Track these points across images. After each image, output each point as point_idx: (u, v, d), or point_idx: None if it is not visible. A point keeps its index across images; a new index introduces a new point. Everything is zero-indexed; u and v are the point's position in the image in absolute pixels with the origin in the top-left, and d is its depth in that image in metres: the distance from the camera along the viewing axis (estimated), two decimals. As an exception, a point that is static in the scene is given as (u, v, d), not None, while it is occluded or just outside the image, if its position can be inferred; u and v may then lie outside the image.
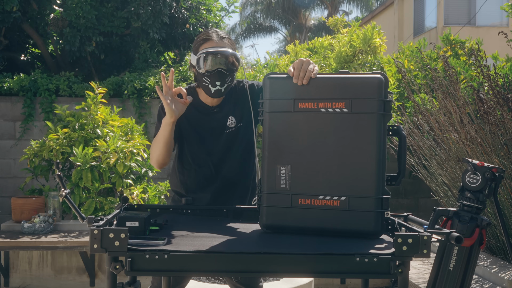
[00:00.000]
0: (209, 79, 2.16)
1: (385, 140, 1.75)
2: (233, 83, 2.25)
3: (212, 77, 2.15)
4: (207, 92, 2.20)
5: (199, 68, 2.16)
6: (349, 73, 1.80)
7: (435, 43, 5.08)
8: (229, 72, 2.16)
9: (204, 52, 2.13)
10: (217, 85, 2.16)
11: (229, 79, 2.18)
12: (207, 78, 2.16)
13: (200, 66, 2.15)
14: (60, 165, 1.99)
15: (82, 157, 4.18)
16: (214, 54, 2.13)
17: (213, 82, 2.16)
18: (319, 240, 1.69)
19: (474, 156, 3.81)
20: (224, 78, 2.16)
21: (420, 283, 3.43)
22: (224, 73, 2.15)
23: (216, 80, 2.15)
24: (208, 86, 2.17)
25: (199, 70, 2.16)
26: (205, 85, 2.18)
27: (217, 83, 2.16)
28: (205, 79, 2.16)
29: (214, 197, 2.28)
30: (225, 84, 2.17)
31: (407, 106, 5.13)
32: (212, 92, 2.18)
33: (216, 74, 2.14)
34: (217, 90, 2.17)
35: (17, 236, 4.20)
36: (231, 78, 2.19)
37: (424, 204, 6.05)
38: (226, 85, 2.18)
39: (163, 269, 1.49)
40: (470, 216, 2.22)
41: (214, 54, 2.13)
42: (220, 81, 2.16)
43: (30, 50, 7.90)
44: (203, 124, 2.27)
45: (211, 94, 2.19)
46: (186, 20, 7.18)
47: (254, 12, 26.65)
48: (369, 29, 5.19)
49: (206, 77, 2.16)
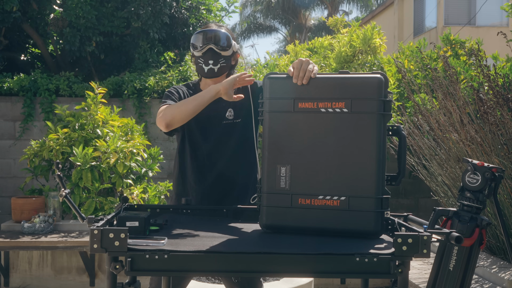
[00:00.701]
0: (202, 59, 2.25)
1: (385, 140, 1.75)
2: (229, 68, 2.32)
3: (205, 57, 2.24)
4: (202, 73, 2.29)
5: (195, 49, 2.26)
6: (349, 73, 1.80)
7: (435, 43, 5.07)
8: (222, 51, 2.24)
9: (196, 32, 2.27)
10: (209, 63, 2.25)
11: (222, 60, 2.26)
12: (201, 58, 2.26)
13: (195, 47, 2.25)
14: (60, 165, 1.99)
15: (82, 157, 4.18)
16: (204, 32, 2.25)
17: (206, 61, 2.25)
18: (319, 240, 1.69)
19: (474, 156, 3.81)
20: (216, 58, 2.24)
21: (420, 283, 3.43)
22: (216, 51, 2.24)
23: (209, 59, 2.24)
24: (202, 66, 2.26)
25: (195, 52, 2.26)
26: (199, 65, 2.27)
27: (210, 62, 2.24)
28: (200, 60, 2.26)
29: (209, 193, 2.28)
30: (218, 64, 2.25)
31: (407, 106, 5.13)
32: (205, 71, 2.26)
33: (208, 53, 2.23)
34: (210, 69, 2.25)
35: (17, 236, 4.20)
36: (224, 60, 2.27)
37: (424, 204, 6.05)
38: (220, 65, 2.26)
39: (163, 269, 1.49)
40: (470, 216, 2.22)
41: (204, 32, 2.25)
42: (213, 60, 2.24)
43: (30, 50, 7.89)
44: (202, 112, 2.28)
45: (205, 74, 2.27)
46: (186, 20, 7.18)
47: (254, 12, 26.66)
48: (369, 29, 5.19)
49: (200, 58, 2.26)
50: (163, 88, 5.94)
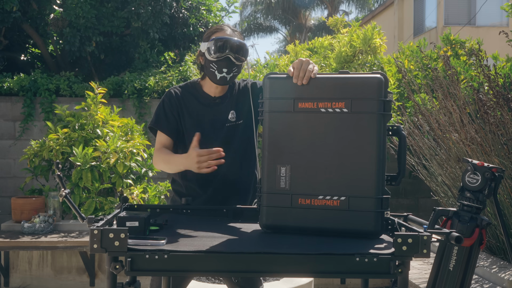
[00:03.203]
0: (216, 65, 2.20)
1: (385, 140, 1.75)
2: (237, 75, 2.29)
3: (220, 64, 2.19)
4: (213, 79, 2.23)
5: (209, 54, 2.19)
6: (349, 73, 1.80)
7: (435, 43, 5.07)
8: (237, 61, 2.20)
9: (217, 38, 2.18)
10: (223, 71, 2.20)
11: (236, 69, 2.23)
12: (215, 64, 2.20)
13: (211, 52, 2.19)
14: (60, 165, 1.99)
15: (82, 157, 4.18)
16: (226, 40, 2.18)
17: (220, 68, 2.20)
18: (319, 240, 1.69)
19: (474, 156, 3.81)
20: (231, 67, 2.20)
21: (420, 283, 3.43)
22: (232, 61, 2.19)
23: (223, 67, 2.19)
24: (214, 73, 2.21)
25: (209, 56, 2.20)
26: (211, 71, 2.21)
27: (224, 70, 2.20)
28: (213, 65, 2.20)
29: (213, 196, 2.28)
30: (231, 73, 2.22)
31: (407, 106, 5.13)
32: (217, 78, 2.21)
33: (224, 61, 2.18)
34: (223, 77, 2.21)
35: (17, 236, 4.20)
36: (237, 69, 2.23)
37: (424, 204, 6.05)
38: (232, 74, 2.22)
39: (163, 269, 1.49)
40: (470, 216, 2.22)
41: (226, 40, 2.18)
42: (227, 69, 2.20)
43: (30, 50, 7.90)
44: (204, 116, 2.28)
45: (216, 81, 2.23)
46: (186, 20, 7.18)
47: (254, 12, 26.66)
48: (369, 29, 5.19)
49: (213, 63, 2.20)
50: (163, 88, 5.94)
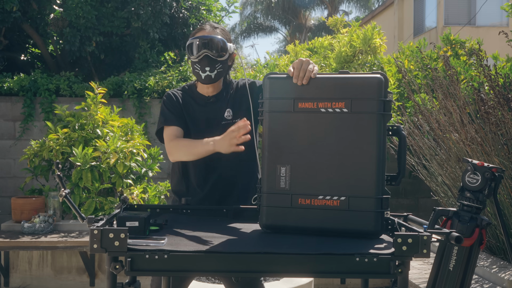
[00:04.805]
0: (199, 65, 2.23)
1: (385, 140, 1.75)
2: (226, 72, 2.30)
3: (202, 63, 2.22)
4: (199, 79, 2.27)
5: (191, 56, 2.24)
6: (349, 73, 1.80)
7: (435, 43, 5.07)
8: (218, 57, 2.22)
9: (191, 39, 2.24)
10: (206, 70, 2.22)
11: (219, 66, 2.24)
12: (198, 64, 2.23)
13: (191, 53, 2.23)
14: (60, 165, 1.99)
15: (82, 157, 4.18)
16: (199, 38, 2.21)
17: (202, 68, 2.23)
18: (319, 240, 1.69)
19: (474, 156, 3.81)
20: (213, 64, 2.22)
21: (420, 283, 3.43)
22: (211, 58, 2.21)
23: (205, 66, 2.22)
24: (198, 73, 2.24)
25: (191, 57, 2.24)
26: (196, 71, 2.25)
27: (206, 69, 2.22)
28: (196, 66, 2.24)
29: (210, 195, 2.28)
30: (215, 70, 2.23)
31: (407, 106, 5.13)
32: (202, 78, 2.24)
33: (204, 59, 2.21)
34: (207, 76, 2.23)
35: (17, 236, 4.20)
36: (221, 65, 2.25)
37: (424, 204, 6.04)
38: (217, 71, 2.24)
39: (163, 269, 1.49)
40: (470, 216, 2.22)
41: (199, 38, 2.21)
42: (209, 67, 2.22)
43: (30, 50, 7.89)
44: (199, 115, 2.30)
45: (202, 80, 2.26)
46: (186, 20, 7.18)
47: (254, 12, 26.66)
48: (369, 29, 5.19)
49: (196, 64, 2.24)
50: (163, 88, 5.94)
